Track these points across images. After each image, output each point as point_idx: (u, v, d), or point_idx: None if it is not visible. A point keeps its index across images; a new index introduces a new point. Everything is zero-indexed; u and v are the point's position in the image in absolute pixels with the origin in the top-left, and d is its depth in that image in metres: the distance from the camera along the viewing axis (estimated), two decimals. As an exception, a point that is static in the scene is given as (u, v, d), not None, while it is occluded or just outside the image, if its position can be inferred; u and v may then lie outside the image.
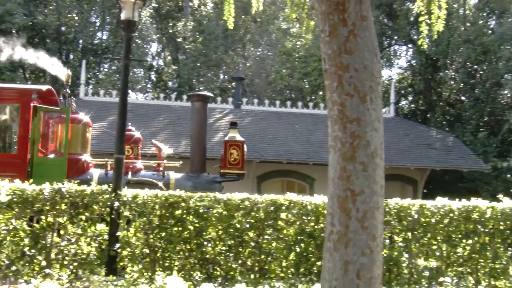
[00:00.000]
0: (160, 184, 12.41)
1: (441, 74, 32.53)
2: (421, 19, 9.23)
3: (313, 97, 32.02)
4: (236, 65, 34.56)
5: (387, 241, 9.25)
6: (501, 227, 9.50)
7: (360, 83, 5.39)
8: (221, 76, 35.81)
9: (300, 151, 21.57)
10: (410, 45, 34.70)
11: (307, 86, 33.07)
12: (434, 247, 9.36)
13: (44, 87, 12.74)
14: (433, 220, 9.26)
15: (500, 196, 10.29)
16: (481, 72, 31.09)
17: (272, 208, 8.94)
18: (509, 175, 26.95)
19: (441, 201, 9.48)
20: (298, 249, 8.97)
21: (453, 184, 26.30)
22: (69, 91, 13.17)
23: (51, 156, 12.76)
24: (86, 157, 12.98)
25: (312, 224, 9.03)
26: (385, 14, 32.99)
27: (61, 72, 13.71)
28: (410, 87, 35.26)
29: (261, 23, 35.56)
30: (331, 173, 5.48)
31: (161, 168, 13.27)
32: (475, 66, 31.37)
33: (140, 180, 12.56)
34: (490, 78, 30.20)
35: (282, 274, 8.94)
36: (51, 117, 12.93)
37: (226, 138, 13.61)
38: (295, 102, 26.89)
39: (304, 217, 9.00)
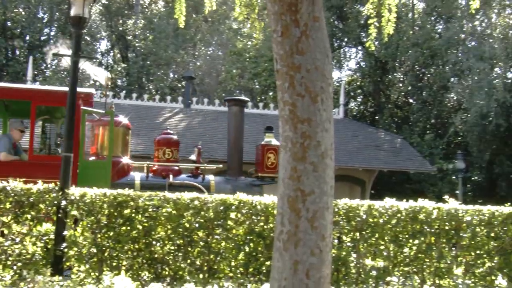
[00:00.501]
0: (201, 187, 12.46)
1: (389, 76, 33.00)
2: (370, 21, 9.34)
3: (263, 98, 32.10)
4: (187, 64, 34.41)
5: (336, 241, 9.32)
6: (447, 228, 9.67)
7: (312, 83, 5.41)
8: (171, 75, 35.61)
9: (250, 151, 21.55)
10: (360, 48, 35.07)
11: (257, 87, 33.15)
12: (382, 247, 9.47)
13: (89, 90, 12.48)
14: (381, 221, 9.37)
15: (445, 197, 10.48)
16: (429, 75, 31.64)
17: (221, 208, 8.91)
18: (454, 177, 27.49)
19: (389, 202, 9.59)
20: (247, 249, 8.97)
21: (400, 185, 26.74)
22: (109, 94, 12.74)
23: (93, 159, 12.46)
24: (126, 160, 12.81)
25: (262, 224, 9.03)
26: (336, 16, 33.28)
27: (102, 74, 13.52)
28: (360, 89, 35.67)
29: (212, 22, 35.51)
30: (282, 173, 5.49)
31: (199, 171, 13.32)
32: (423, 70, 31.91)
33: (182, 183, 12.56)
34: (437, 81, 30.76)
35: (231, 274, 8.92)
36: (92, 119, 12.66)
37: (263, 143, 13.72)
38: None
39: (253, 217, 9.00)
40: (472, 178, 29.81)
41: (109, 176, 11.75)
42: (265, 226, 9.00)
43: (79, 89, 11.06)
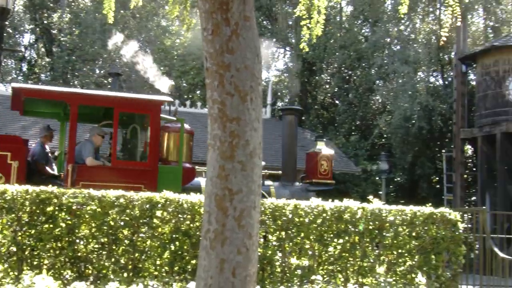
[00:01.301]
0: (264, 192, 12.50)
1: (317, 78, 33.38)
2: (302, 23, 9.40)
3: (191, 96, 31.98)
4: (113, 61, 33.92)
5: (262, 240, 9.36)
6: (370, 227, 9.84)
7: (241, 82, 5.41)
8: (97, 71, 35.02)
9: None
10: (288, 48, 35.36)
11: (185, 85, 32.99)
12: (307, 246, 9.57)
13: (167, 98, 12.56)
14: (306, 220, 9.46)
15: (370, 197, 10.67)
16: (355, 77, 32.20)
17: (147, 206, 8.83)
18: (377, 178, 28.07)
19: (314, 202, 9.70)
20: (173, 247, 8.91)
21: (325, 185, 27.04)
22: (173, 101, 12.61)
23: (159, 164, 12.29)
24: (190, 165, 12.81)
25: (188, 222, 8.99)
26: (265, 16, 33.47)
27: (165, 82, 13.62)
28: (287, 90, 35.96)
29: (140, 19, 35.10)
30: (210, 171, 5.48)
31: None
32: (350, 72, 32.45)
33: None
34: (363, 83, 31.33)
35: (156, 273, 8.84)
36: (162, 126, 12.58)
37: (316, 150, 14.29)
38: (173, 100, 26.74)
39: (180, 215, 8.95)
40: (395, 179, 30.50)
41: (180, 181, 11.90)
42: (192, 225, 8.96)
43: (161, 97, 12.17)
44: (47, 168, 11.96)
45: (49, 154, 12.41)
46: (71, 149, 11.36)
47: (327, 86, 33.96)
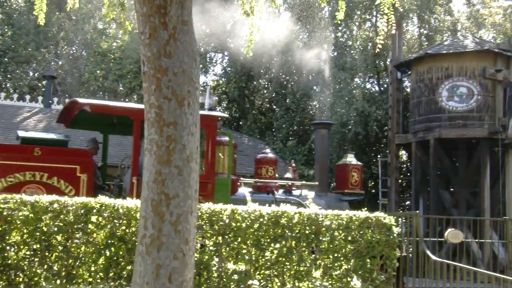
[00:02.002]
0: (303, 202, 13.41)
1: (254, 83, 33.48)
2: (245, 28, 9.43)
3: (127, 100, 31.64)
4: (48, 63, 33.30)
5: (198, 245, 9.32)
6: (307, 232, 9.91)
7: (178, 87, 5.39)
8: (31, 74, 34.32)
9: (112, 153, 21.18)
10: (226, 53, 35.36)
11: (121, 88, 32.62)
12: (244, 251, 9.57)
13: (222, 114, 13.35)
14: (243, 225, 9.46)
15: (306, 202, 10.75)
16: (292, 83, 32.39)
17: (82, 211, 8.68)
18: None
19: (251, 207, 9.71)
20: (108, 253, 8.77)
21: (262, 190, 27.11)
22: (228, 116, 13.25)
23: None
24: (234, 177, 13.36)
25: (124, 227, 8.87)
26: (203, 21, 33.39)
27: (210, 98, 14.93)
28: (224, 94, 35.95)
29: (76, 21, 34.55)
30: (146, 176, 5.43)
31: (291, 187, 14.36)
32: (287, 77, 32.62)
33: (286, 199, 13.38)
34: (300, 89, 31.56)
35: (90, 279, 8.70)
36: None
37: (347, 162, 15.12)
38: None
39: (115, 221, 8.82)
40: (332, 184, 30.77)
41: (229, 192, 12.53)
42: (127, 230, 8.85)
43: (216, 113, 12.95)
44: (95, 180, 11.90)
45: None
46: (135, 162, 11.56)
47: (265, 91, 34.10)
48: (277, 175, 14.60)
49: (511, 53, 23.28)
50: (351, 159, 15.34)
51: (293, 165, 15.61)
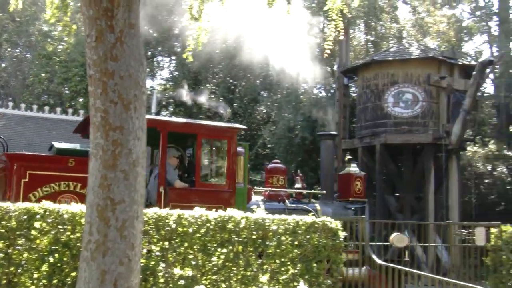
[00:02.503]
0: (313, 210, 14.02)
1: (202, 87, 33.39)
2: (188, 33, 9.39)
3: (73, 103, 31.20)
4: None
5: (144, 250, 9.23)
6: (254, 237, 9.90)
7: (125, 91, 5.34)
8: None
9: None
10: (173, 57, 35.21)
11: (67, 92, 32.16)
12: (190, 256, 9.51)
13: (242, 126, 14.08)
14: (190, 230, 9.41)
15: (253, 206, 10.76)
16: (240, 87, 32.44)
17: (25, 217, 8.50)
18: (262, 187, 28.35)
19: (198, 211, 9.66)
20: (52, 260, 8.61)
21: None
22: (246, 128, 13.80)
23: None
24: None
25: (68, 233, 8.72)
26: (151, 24, 33.18)
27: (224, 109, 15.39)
28: (172, 99, 35.77)
29: (20, 23, 33.94)
30: (91, 181, 5.36)
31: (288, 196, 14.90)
32: (235, 82, 32.66)
33: (297, 207, 14.15)
34: (248, 94, 31.63)
35: (33, 287, 8.52)
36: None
37: (350, 172, 15.62)
38: (54, 107, 26.01)
39: (59, 226, 8.66)
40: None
41: (246, 201, 13.01)
42: (72, 236, 8.70)
43: (231, 125, 13.53)
44: None
45: None
46: (162, 172, 12.05)
47: (212, 96, 34.04)
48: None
49: (455, 60, 23.82)
50: (354, 168, 15.94)
51: (300, 174, 16.24)
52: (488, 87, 35.60)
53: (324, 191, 15.67)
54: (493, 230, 12.96)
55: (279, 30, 30.76)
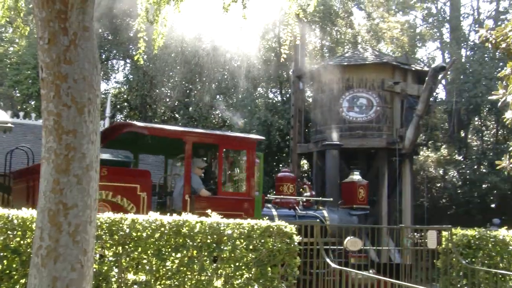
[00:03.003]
0: (321, 217, 15.04)
1: (157, 91, 33.22)
2: (140, 35, 9.33)
3: (25, 107, 30.71)
4: None
5: (97, 255, 9.13)
6: (208, 241, 9.89)
7: (78, 94, 5.27)
8: None
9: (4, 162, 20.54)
10: (128, 61, 34.95)
11: (18, 95, 31.63)
12: (144, 261, 9.45)
13: (260, 137, 14.87)
14: (144, 235, 9.34)
15: (208, 211, 10.71)
16: (196, 91, 32.36)
17: (-26, 222, 8.32)
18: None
19: (152, 216, 9.60)
20: (0, 267, 8.45)
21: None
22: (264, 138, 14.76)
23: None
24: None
25: (18, 239, 8.56)
26: (105, 27, 32.89)
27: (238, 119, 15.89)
28: (126, 102, 35.51)
29: (-31, 24, 33.29)
30: (43, 185, 5.28)
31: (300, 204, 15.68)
32: (190, 86, 32.56)
33: (307, 213, 15.04)
34: (204, 98, 31.57)
35: (-20, 294, 8.35)
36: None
37: (355, 180, 16.55)
38: (4, 110, 25.58)
39: (9, 232, 8.50)
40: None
41: (260, 209, 13.53)
42: (22, 242, 8.54)
43: (251, 136, 14.43)
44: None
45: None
46: (187, 181, 12.68)
47: (168, 100, 33.89)
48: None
49: (408, 66, 24.16)
50: (357, 177, 16.72)
51: (308, 183, 17.23)
52: (440, 93, 36.23)
53: (331, 199, 16.32)
54: (444, 233, 13.18)
55: (235, 34, 30.80)
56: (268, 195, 15.31)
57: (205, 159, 14.21)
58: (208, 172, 14.07)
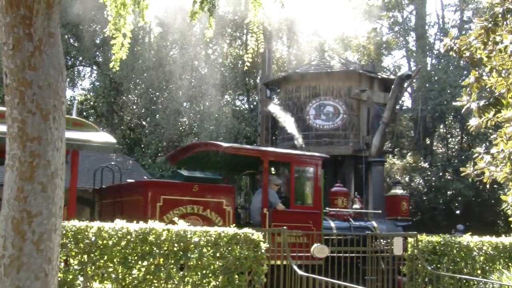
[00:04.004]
0: (372, 228, 15.97)
1: (124, 98, 33.04)
2: (113, 42, 9.29)
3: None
4: None
5: (62, 264, 9.03)
6: (175, 249, 9.85)
7: (43, 101, 5.21)
8: None
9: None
10: (94, 67, 34.71)
11: (-19, 101, 31.25)
12: (110, 269, 9.37)
13: (326, 156, 15.87)
14: (110, 243, 9.27)
15: (175, 219, 10.67)
16: (162, 99, 32.24)
17: None
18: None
19: (119, 224, 9.53)
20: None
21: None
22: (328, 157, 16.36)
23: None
24: None
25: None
26: (71, 34, 32.64)
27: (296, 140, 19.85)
28: (93, 109, 35.25)
29: None
30: (7, 193, 5.20)
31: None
32: (157, 93, 32.43)
33: (360, 225, 15.95)
34: (170, 105, 31.47)
35: None
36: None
37: (398, 194, 17.80)
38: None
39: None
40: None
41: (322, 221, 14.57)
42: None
43: (317, 154, 15.54)
44: None
45: None
46: (265, 195, 13.79)
47: (134, 107, 33.71)
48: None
49: (375, 74, 24.38)
50: (400, 190, 18.06)
51: (358, 196, 18.22)
52: (406, 101, 36.60)
53: (380, 211, 17.60)
54: (410, 239, 13.30)
55: (203, 42, 30.79)
56: (327, 208, 16.13)
57: (279, 176, 15.40)
58: (284, 187, 15.28)
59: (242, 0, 28.12)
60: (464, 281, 12.75)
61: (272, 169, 15.53)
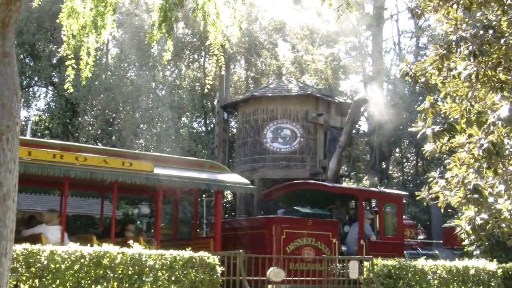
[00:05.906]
0: (434, 254, 17.86)
1: (80, 119, 32.67)
2: (68, 63, 9.18)
3: None
4: None
5: (13, 288, 8.83)
6: (130, 272, 9.71)
7: (-4, 121, 5.12)
8: None
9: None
10: (50, 88, 34.30)
11: None
12: (63, 293, 9.18)
13: (405, 193, 19.13)
14: (63, 266, 9.09)
15: (130, 242, 10.51)
16: (119, 120, 31.99)
17: None
18: (138, 222, 27.96)
19: (72, 247, 9.37)
20: None
21: (85, 229, 26.38)
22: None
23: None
24: None
25: None
26: (27, 53, 32.24)
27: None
28: (48, 130, 34.75)
29: None
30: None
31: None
32: (114, 114, 32.16)
33: (428, 253, 17.53)
34: (127, 127, 31.22)
35: None
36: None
37: (452, 225, 18.32)
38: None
39: None
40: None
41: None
42: None
43: (400, 192, 18.37)
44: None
45: None
46: (361, 229, 15.82)
47: (90, 128, 33.35)
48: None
49: (332, 98, 24.57)
50: (455, 224, 18.85)
51: (422, 228, 20.59)
52: (363, 125, 36.95)
53: (441, 241, 19.42)
54: (365, 263, 13.36)
55: (160, 63, 30.72)
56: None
57: (372, 212, 17.14)
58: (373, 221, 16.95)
59: (201, 22, 28.18)
60: (419, 304, 12.85)
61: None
